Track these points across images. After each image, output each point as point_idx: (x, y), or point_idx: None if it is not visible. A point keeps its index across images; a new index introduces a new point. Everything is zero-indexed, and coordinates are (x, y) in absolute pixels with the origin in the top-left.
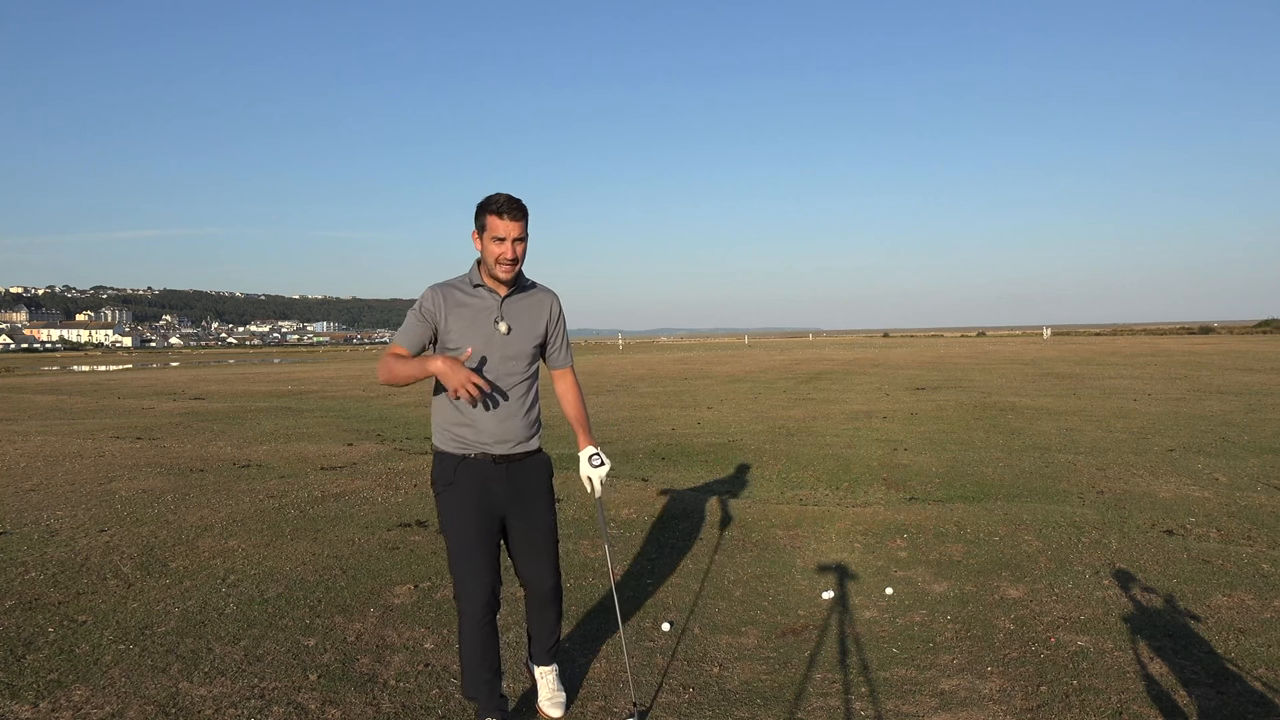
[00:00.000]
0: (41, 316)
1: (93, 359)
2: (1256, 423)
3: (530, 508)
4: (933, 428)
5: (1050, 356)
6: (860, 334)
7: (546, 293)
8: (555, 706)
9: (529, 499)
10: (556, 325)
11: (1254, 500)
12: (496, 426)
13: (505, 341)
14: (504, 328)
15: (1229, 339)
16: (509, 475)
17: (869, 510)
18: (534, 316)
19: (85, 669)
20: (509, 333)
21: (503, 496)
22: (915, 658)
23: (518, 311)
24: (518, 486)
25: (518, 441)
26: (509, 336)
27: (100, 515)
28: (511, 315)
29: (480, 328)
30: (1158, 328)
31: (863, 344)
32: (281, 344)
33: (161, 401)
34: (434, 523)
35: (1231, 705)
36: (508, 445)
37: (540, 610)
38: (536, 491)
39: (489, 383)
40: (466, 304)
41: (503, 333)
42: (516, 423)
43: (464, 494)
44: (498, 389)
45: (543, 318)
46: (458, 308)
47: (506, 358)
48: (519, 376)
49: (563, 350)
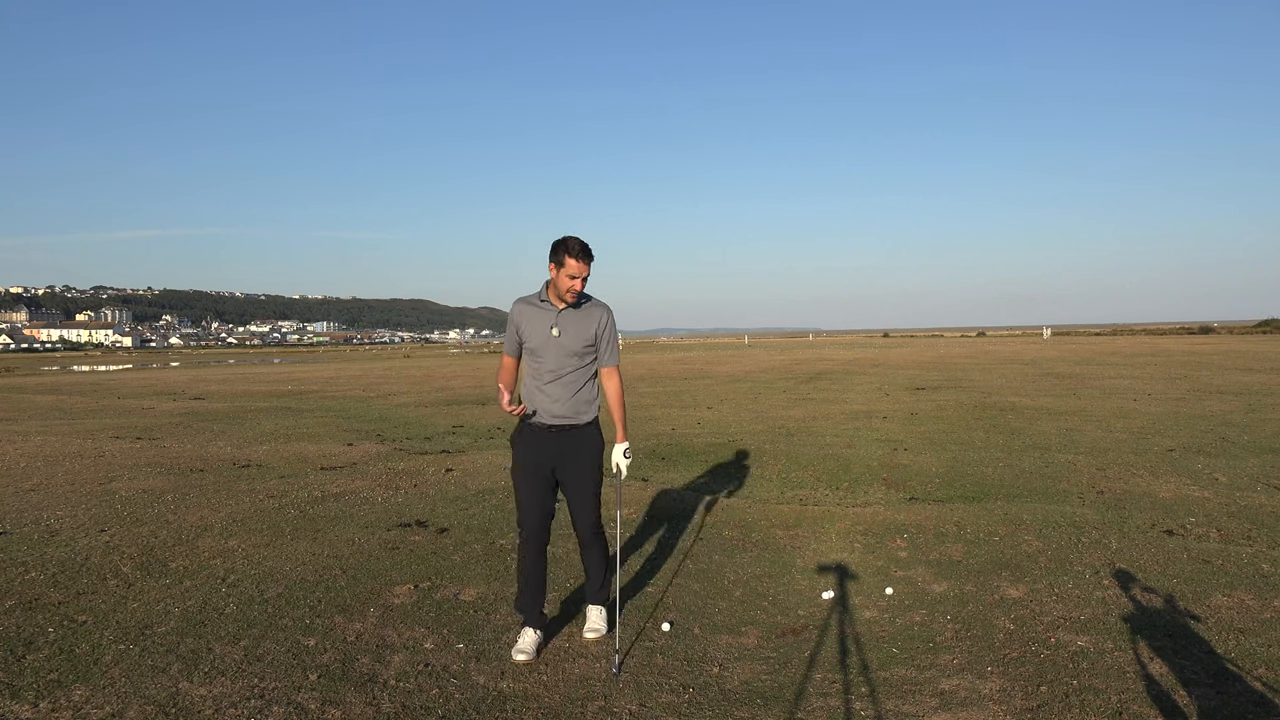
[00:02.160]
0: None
1: (93, 359)
2: (1256, 423)
3: (575, 467)
4: (933, 428)
5: (1050, 356)
6: (860, 334)
7: (600, 307)
8: (592, 632)
9: (574, 460)
10: (605, 332)
11: (1254, 500)
12: (549, 405)
13: (558, 343)
14: (556, 332)
15: (1229, 339)
16: (558, 440)
17: (869, 510)
18: (584, 325)
19: (85, 669)
20: (559, 336)
21: (552, 455)
22: (915, 658)
23: (570, 321)
24: (564, 450)
25: (567, 417)
26: (560, 339)
27: (100, 515)
28: (564, 324)
29: (541, 331)
30: (1158, 328)
31: (863, 344)
32: (281, 344)
33: (161, 401)
34: (434, 523)
35: (1231, 705)
36: (558, 419)
37: (587, 550)
38: (581, 455)
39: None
40: (535, 314)
41: (555, 336)
42: (565, 404)
43: (523, 449)
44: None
45: (593, 327)
46: (529, 316)
47: (561, 355)
48: (570, 369)
49: (609, 352)
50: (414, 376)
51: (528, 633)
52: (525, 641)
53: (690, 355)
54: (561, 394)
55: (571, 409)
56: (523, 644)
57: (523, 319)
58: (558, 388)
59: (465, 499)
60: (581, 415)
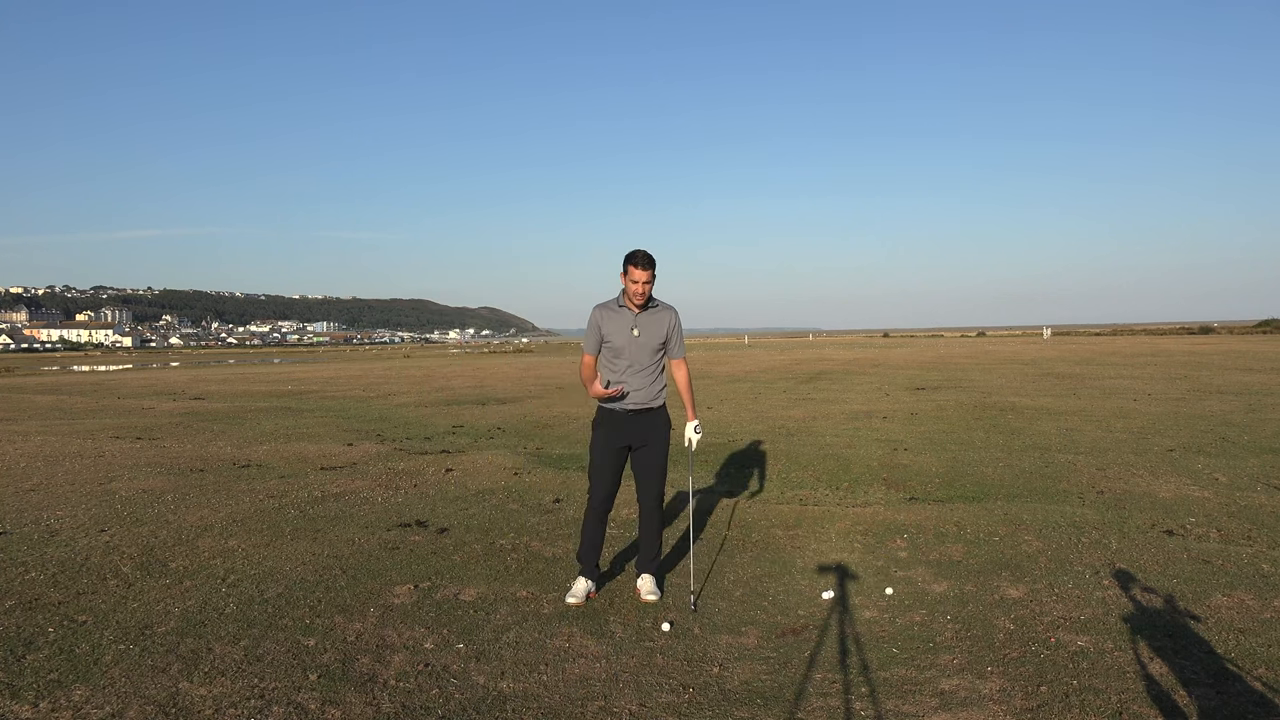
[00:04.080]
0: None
1: (93, 359)
2: (1256, 423)
3: (649, 444)
4: (933, 428)
5: (1050, 356)
6: (860, 334)
7: (669, 309)
8: (650, 594)
9: (648, 438)
10: (673, 330)
11: (1254, 500)
12: (631, 394)
13: (638, 342)
14: (636, 332)
15: (1229, 339)
16: (635, 422)
17: (869, 510)
18: (658, 326)
19: (85, 669)
20: (638, 336)
21: (629, 435)
22: (915, 658)
23: (646, 323)
24: (640, 430)
25: (644, 403)
26: (639, 339)
27: (100, 515)
28: (642, 325)
29: (623, 332)
30: (1158, 328)
31: (863, 344)
32: (281, 344)
33: (161, 401)
34: (434, 522)
35: (1231, 705)
36: (636, 404)
37: (645, 522)
38: (654, 434)
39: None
40: (615, 317)
41: (635, 335)
42: (644, 392)
43: (604, 430)
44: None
45: (664, 326)
46: (610, 319)
47: (639, 351)
48: (647, 362)
49: (677, 347)
50: (414, 376)
51: (581, 581)
52: (578, 587)
53: (690, 355)
54: (640, 383)
55: (647, 396)
56: (575, 589)
57: (605, 321)
58: (637, 379)
59: (465, 499)
60: (655, 401)
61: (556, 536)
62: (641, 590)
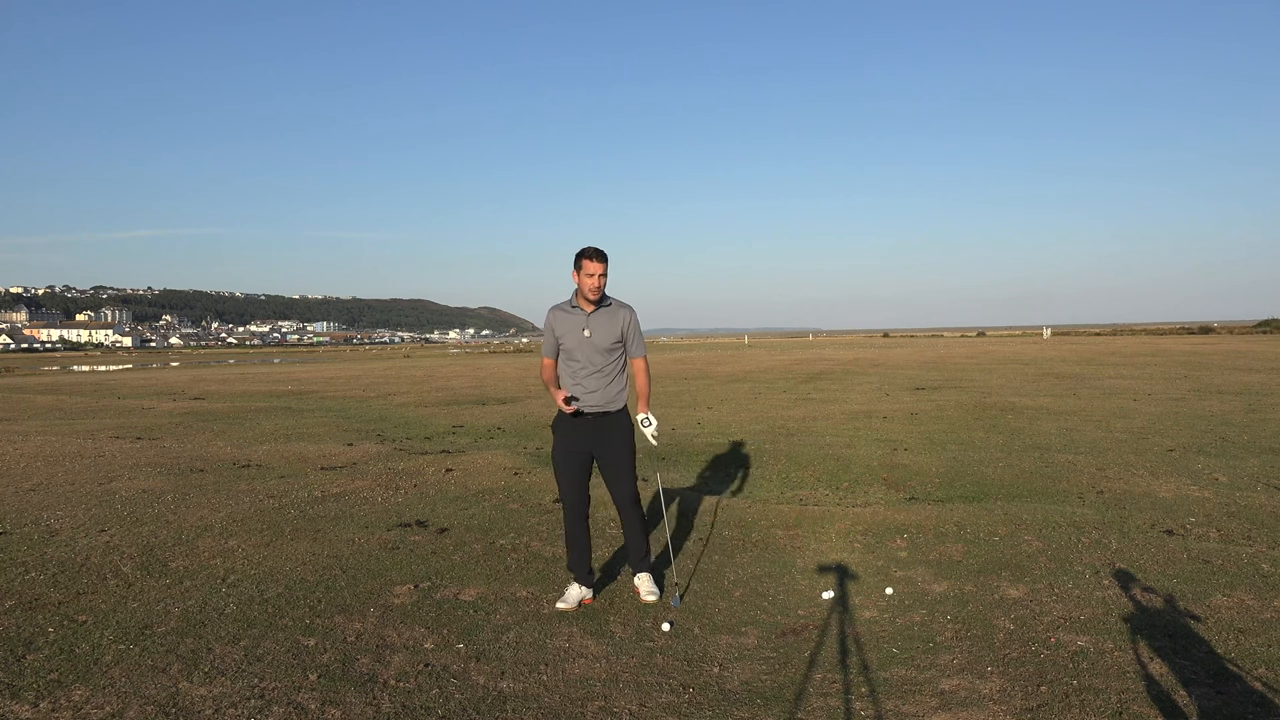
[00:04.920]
0: (41, 316)
1: (93, 359)
2: (1256, 423)
3: (611, 447)
4: (933, 428)
5: (1050, 356)
6: (860, 334)
7: (624, 308)
8: (650, 595)
9: (609, 441)
10: (629, 329)
11: (1254, 500)
12: (586, 396)
13: (590, 343)
14: (587, 333)
15: (1229, 339)
16: (594, 425)
17: (869, 510)
18: (611, 325)
19: (85, 669)
20: (590, 336)
21: (589, 439)
22: (915, 658)
23: (599, 322)
24: (600, 433)
25: (602, 405)
26: (591, 339)
27: (100, 515)
28: (594, 325)
29: (574, 333)
30: (1158, 328)
31: (863, 344)
32: (281, 344)
33: (161, 401)
34: (434, 522)
35: (1231, 705)
36: (595, 407)
37: (627, 523)
38: (615, 436)
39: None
40: (567, 318)
41: (586, 336)
42: (600, 394)
43: (564, 434)
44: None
45: (619, 325)
46: (563, 321)
47: (593, 352)
48: (602, 364)
49: (636, 346)
50: (414, 376)
51: (574, 588)
52: (570, 594)
53: (690, 355)
54: (596, 385)
55: (605, 398)
56: (568, 595)
57: (558, 323)
58: (593, 380)
59: (465, 499)
60: (614, 403)
61: (556, 536)
62: (641, 590)
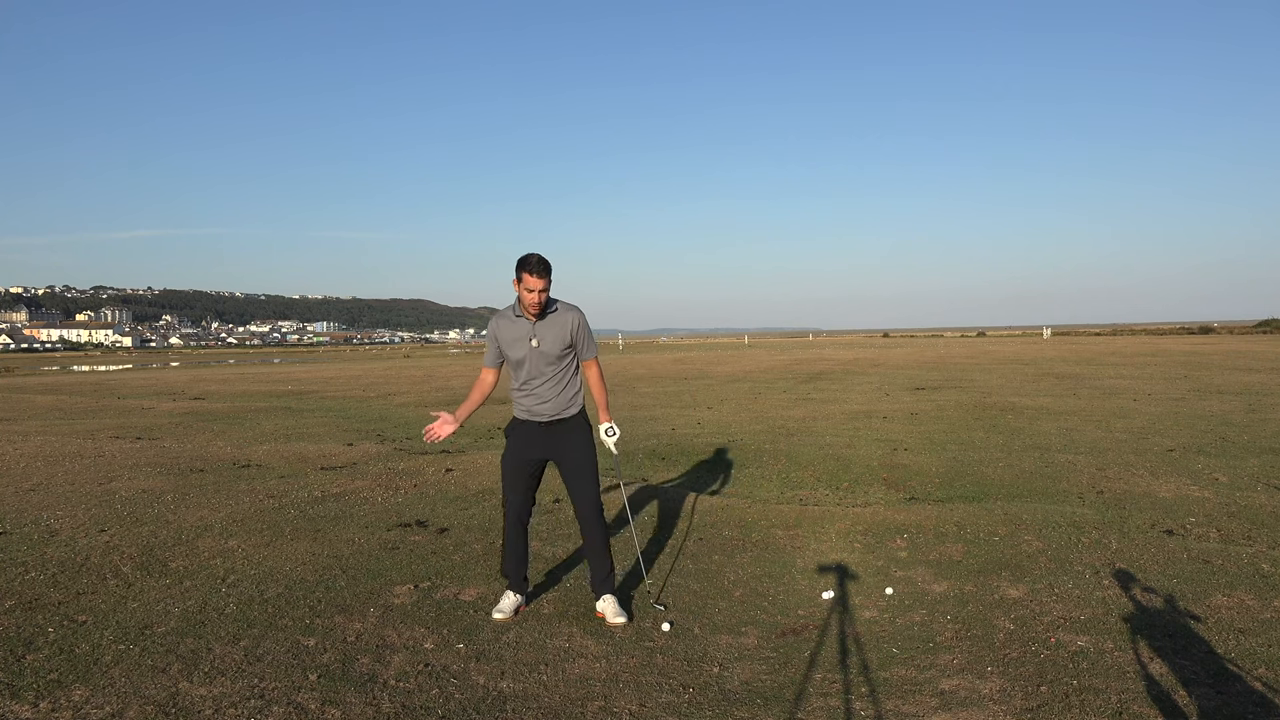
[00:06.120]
0: (41, 316)
1: (93, 359)
2: (1256, 423)
3: (570, 452)
4: (933, 428)
5: (1050, 356)
6: (860, 334)
7: (570, 310)
8: (618, 617)
9: (568, 447)
10: (579, 332)
11: (1254, 500)
12: (540, 406)
13: (539, 352)
14: (535, 342)
15: (1229, 339)
16: (550, 434)
17: (869, 510)
18: (559, 331)
19: (85, 669)
20: (538, 345)
21: (545, 448)
22: (915, 658)
23: (545, 330)
24: (558, 441)
25: (557, 413)
26: (539, 348)
27: (100, 515)
28: (541, 333)
29: (521, 342)
30: (1158, 328)
31: (863, 344)
32: (281, 344)
33: (161, 401)
34: (434, 522)
35: (1231, 705)
36: (546, 415)
37: (589, 536)
38: (574, 442)
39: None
40: (513, 327)
41: (535, 346)
42: (554, 403)
43: (516, 442)
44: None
45: (567, 329)
46: (508, 330)
47: (541, 360)
48: (553, 371)
49: (585, 348)
50: (414, 376)
51: (509, 595)
52: (505, 603)
53: (690, 355)
54: (550, 393)
55: (559, 405)
56: (503, 604)
57: (502, 333)
58: (546, 389)
59: (465, 499)
60: (569, 409)
61: (557, 537)
62: (606, 614)
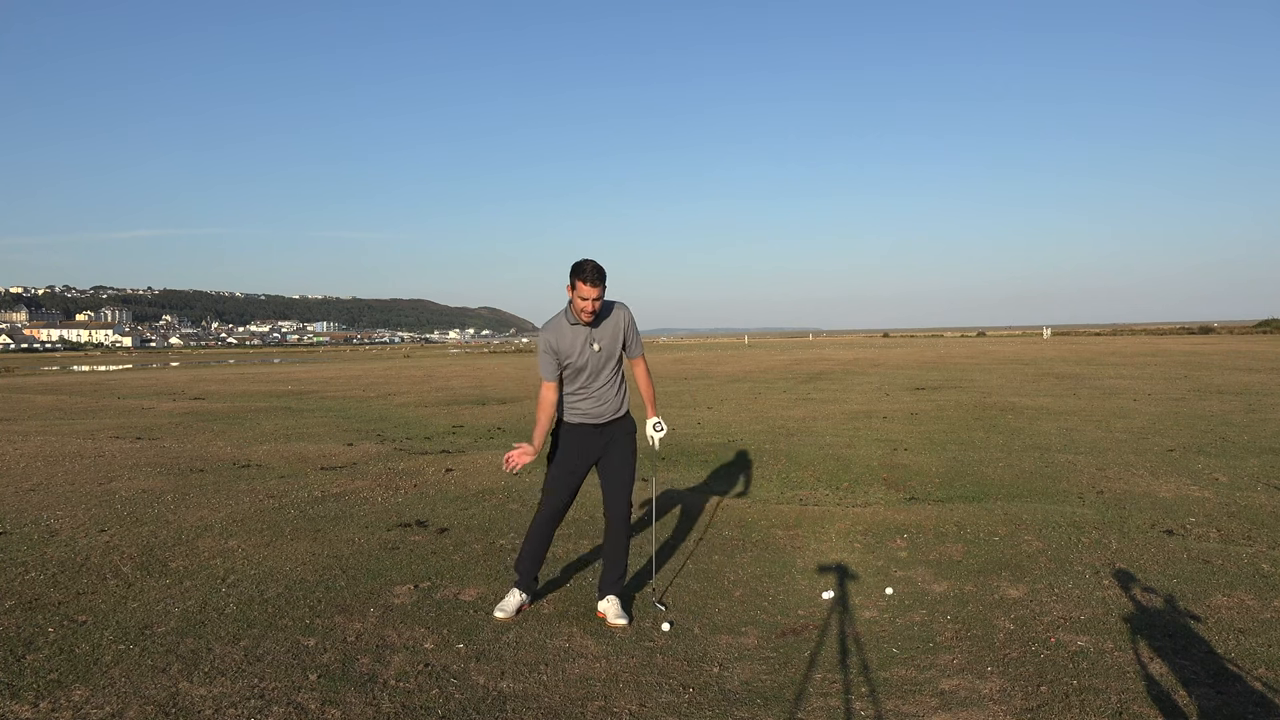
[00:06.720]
0: (41, 316)
1: (93, 359)
2: (1256, 423)
3: (614, 452)
4: (933, 428)
5: (1050, 356)
6: (860, 334)
7: (619, 309)
8: (619, 619)
9: (615, 447)
10: (629, 330)
11: (1254, 500)
12: (598, 408)
13: (599, 355)
14: (596, 347)
15: (1229, 339)
16: (602, 434)
17: (869, 510)
18: (614, 332)
19: (85, 669)
20: (600, 349)
21: (597, 448)
22: (915, 658)
23: (603, 333)
24: (607, 440)
25: (612, 414)
26: (600, 352)
27: (100, 515)
28: (599, 337)
29: (582, 348)
30: (1158, 328)
31: (863, 344)
32: (281, 344)
33: (161, 401)
34: (434, 522)
35: (1231, 705)
36: (604, 417)
37: (613, 538)
38: (620, 441)
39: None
40: (571, 334)
41: (596, 350)
42: (612, 403)
43: (570, 443)
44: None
45: (620, 329)
46: (566, 339)
47: (601, 363)
48: (611, 373)
49: (635, 346)
50: (414, 376)
51: (515, 593)
52: (509, 601)
53: (690, 355)
54: (608, 394)
55: (616, 406)
56: (505, 603)
57: (560, 342)
58: (605, 390)
59: (465, 499)
60: (623, 409)
61: (557, 536)
62: (608, 615)
